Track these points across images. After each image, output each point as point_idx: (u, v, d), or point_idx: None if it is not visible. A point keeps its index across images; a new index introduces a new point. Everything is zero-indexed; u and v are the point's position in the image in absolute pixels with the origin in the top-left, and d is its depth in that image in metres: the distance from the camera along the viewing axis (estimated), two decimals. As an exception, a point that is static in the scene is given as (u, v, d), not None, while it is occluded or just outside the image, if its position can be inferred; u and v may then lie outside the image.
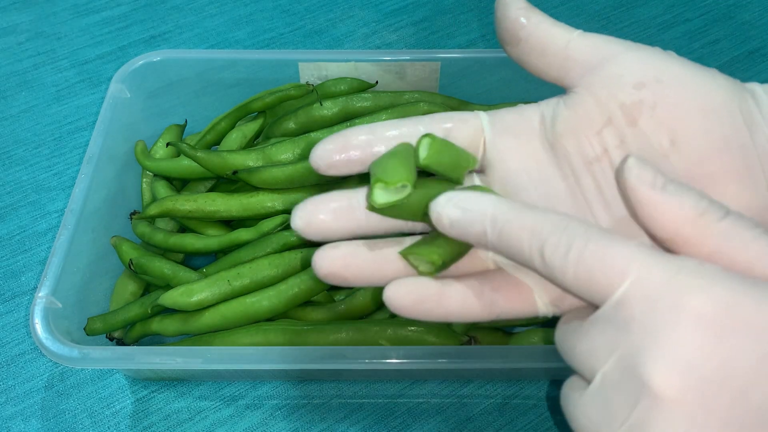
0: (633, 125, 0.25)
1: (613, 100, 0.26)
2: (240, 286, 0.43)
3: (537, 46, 0.27)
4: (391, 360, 0.38)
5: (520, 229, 0.22)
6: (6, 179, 0.58)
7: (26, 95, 0.65)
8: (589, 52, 0.27)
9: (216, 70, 0.54)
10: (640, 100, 0.25)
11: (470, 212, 0.23)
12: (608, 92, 0.26)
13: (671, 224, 0.22)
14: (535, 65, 0.28)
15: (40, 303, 0.40)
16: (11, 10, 0.73)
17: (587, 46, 0.27)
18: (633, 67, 0.26)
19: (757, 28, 0.71)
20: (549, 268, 0.22)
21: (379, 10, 0.73)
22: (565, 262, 0.21)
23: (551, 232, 0.22)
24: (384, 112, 0.48)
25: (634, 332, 0.20)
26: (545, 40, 0.27)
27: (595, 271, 0.21)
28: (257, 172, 0.46)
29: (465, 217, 0.24)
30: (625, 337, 0.20)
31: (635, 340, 0.20)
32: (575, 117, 0.26)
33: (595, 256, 0.21)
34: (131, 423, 0.45)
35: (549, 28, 0.27)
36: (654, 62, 0.26)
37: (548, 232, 0.22)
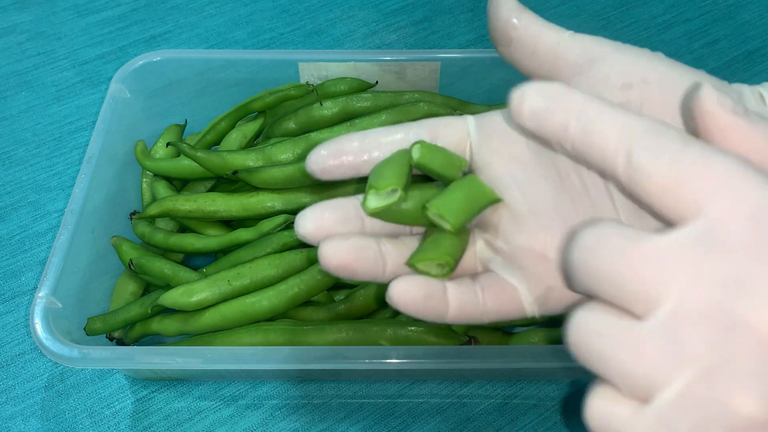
0: None
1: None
2: (240, 286, 0.43)
3: (528, 47, 0.27)
4: (391, 360, 0.38)
5: (611, 124, 0.21)
6: (6, 179, 0.58)
7: (26, 95, 0.65)
8: (578, 53, 0.27)
9: (216, 70, 0.54)
10: (627, 101, 0.25)
11: (557, 102, 0.22)
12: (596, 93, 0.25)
13: (754, 153, 0.20)
14: (526, 65, 0.28)
15: (40, 303, 0.40)
16: (11, 10, 0.73)
17: (576, 47, 0.27)
18: (620, 69, 0.26)
19: (757, 28, 0.71)
20: (635, 170, 0.19)
21: (379, 10, 0.73)
22: (656, 165, 0.19)
23: (645, 132, 0.20)
24: (384, 112, 0.48)
25: (734, 259, 0.17)
26: (536, 41, 0.27)
27: (691, 181, 0.18)
28: (257, 172, 0.46)
29: (550, 106, 0.22)
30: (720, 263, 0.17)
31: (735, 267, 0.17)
32: None
33: (695, 162, 0.18)
34: (131, 423, 0.45)
35: (540, 29, 0.27)
36: (641, 63, 0.26)
37: (642, 131, 0.20)
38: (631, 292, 0.18)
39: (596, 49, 0.27)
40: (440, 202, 0.26)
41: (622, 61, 0.26)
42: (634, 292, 0.18)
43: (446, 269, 0.25)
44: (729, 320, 0.17)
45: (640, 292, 0.18)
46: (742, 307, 0.17)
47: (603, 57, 0.26)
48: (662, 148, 0.19)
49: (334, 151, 0.28)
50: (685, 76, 0.25)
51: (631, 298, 0.18)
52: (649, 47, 0.27)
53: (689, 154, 0.19)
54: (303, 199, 0.47)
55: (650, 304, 0.18)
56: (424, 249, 0.26)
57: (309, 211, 0.27)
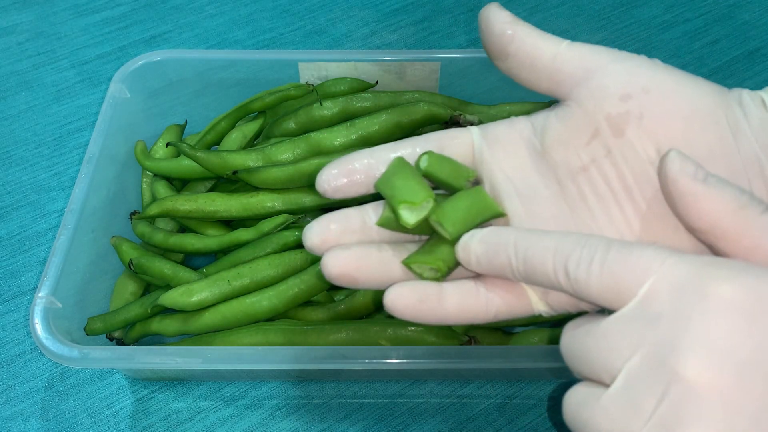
0: (620, 136, 0.26)
1: (599, 112, 0.26)
2: (240, 286, 0.43)
3: (526, 60, 0.28)
4: (391, 360, 0.38)
5: (543, 250, 0.23)
6: (6, 179, 0.58)
7: (26, 95, 0.65)
8: (576, 64, 0.27)
9: (216, 70, 0.54)
10: (626, 111, 0.26)
11: (493, 244, 0.24)
12: (595, 104, 0.26)
13: (710, 215, 0.22)
14: (525, 78, 0.28)
15: (40, 303, 0.40)
16: (11, 10, 0.73)
17: (575, 58, 0.27)
18: (619, 78, 0.26)
19: (757, 28, 0.71)
20: (574, 282, 0.22)
21: (379, 10, 0.73)
22: (589, 273, 0.22)
23: (573, 248, 0.22)
24: (384, 112, 0.48)
25: (662, 324, 0.20)
26: (533, 54, 0.27)
27: (620, 274, 0.21)
28: (257, 172, 0.46)
29: (489, 249, 0.24)
30: (652, 330, 0.20)
31: (664, 331, 0.20)
32: (565, 129, 0.27)
33: (618, 261, 0.21)
34: (131, 423, 0.45)
35: (536, 42, 0.27)
36: (640, 73, 0.26)
37: (570, 248, 0.22)
38: (597, 366, 0.22)
39: (594, 60, 0.27)
40: (442, 211, 0.26)
41: (620, 71, 0.26)
42: (598, 366, 0.22)
43: (438, 274, 0.26)
44: (669, 376, 0.19)
45: (601, 365, 0.22)
46: (676, 364, 0.19)
47: (601, 67, 0.27)
48: (591, 257, 0.22)
49: (344, 170, 0.28)
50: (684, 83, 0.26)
51: (598, 371, 0.22)
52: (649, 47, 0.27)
53: (612, 257, 0.22)
54: (303, 199, 0.47)
55: (611, 372, 0.21)
56: (420, 252, 0.27)
57: (315, 223, 0.27)
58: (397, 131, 0.48)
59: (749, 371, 0.19)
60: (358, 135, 0.48)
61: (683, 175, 0.22)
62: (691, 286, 0.20)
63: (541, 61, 0.27)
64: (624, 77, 0.26)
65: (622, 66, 0.26)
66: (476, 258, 0.25)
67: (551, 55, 0.27)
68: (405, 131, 0.49)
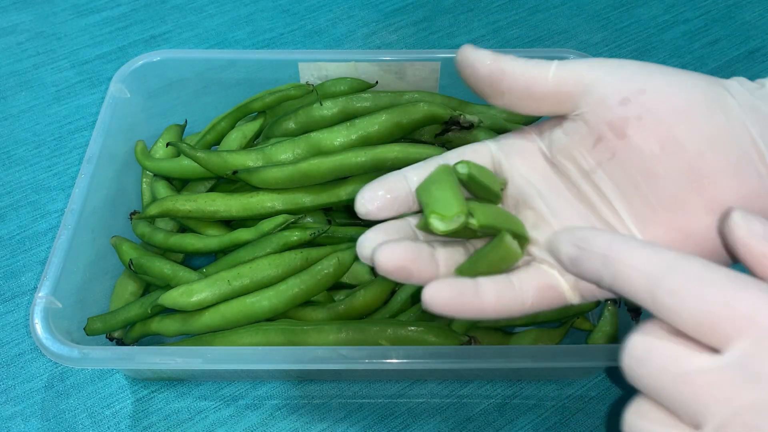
0: (622, 138, 0.27)
1: (601, 121, 0.27)
2: (240, 286, 0.43)
3: (523, 93, 0.28)
4: (391, 360, 0.38)
5: (633, 267, 0.22)
6: (6, 179, 0.58)
7: (26, 95, 0.65)
8: (573, 83, 0.28)
9: (216, 70, 0.54)
10: (626, 114, 0.26)
11: (586, 251, 0.24)
12: (596, 115, 0.27)
13: None
14: (526, 109, 0.29)
15: (40, 303, 0.40)
16: (11, 10, 0.73)
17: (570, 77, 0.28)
18: (616, 87, 0.27)
19: (757, 28, 0.71)
20: (660, 310, 0.21)
21: (379, 10, 0.73)
22: (681, 306, 0.20)
23: (666, 271, 0.21)
24: (384, 112, 0.48)
25: (763, 386, 0.19)
26: (528, 85, 0.28)
27: (717, 317, 0.20)
28: (257, 172, 0.46)
29: (581, 255, 0.24)
30: (751, 391, 0.19)
31: (763, 395, 0.19)
32: (570, 141, 0.28)
33: (716, 302, 0.20)
34: (131, 423, 0.45)
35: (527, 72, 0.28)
36: (635, 76, 0.27)
37: (663, 271, 0.21)
38: (676, 407, 0.20)
39: (589, 74, 0.27)
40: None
41: (616, 79, 0.27)
42: (678, 408, 0.20)
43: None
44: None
45: (684, 409, 0.20)
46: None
47: (597, 80, 0.27)
48: (684, 288, 0.20)
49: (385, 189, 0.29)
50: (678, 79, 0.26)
51: (676, 410, 0.20)
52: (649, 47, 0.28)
53: (711, 292, 0.20)
54: (303, 199, 0.47)
55: (693, 421, 0.20)
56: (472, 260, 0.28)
57: (370, 233, 0.27)
58: (397, 131, 0.48)
59: None
60: (358, 135, 0.48)
61: (753, 237, 0.22)
62: None
63: (537, 89, 0.28)
64: (620, 84, 0.27)
65: (618, 74, 0.27)
66: (569, 260, 0.25)
67: (545, 80, 0.28)
68: (405, 131, 0.49)
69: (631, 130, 0.26)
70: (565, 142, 0.29)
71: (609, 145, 0.27)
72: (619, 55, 0.68)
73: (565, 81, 0.28)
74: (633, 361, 0.21)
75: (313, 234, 0.45)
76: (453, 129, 0.50)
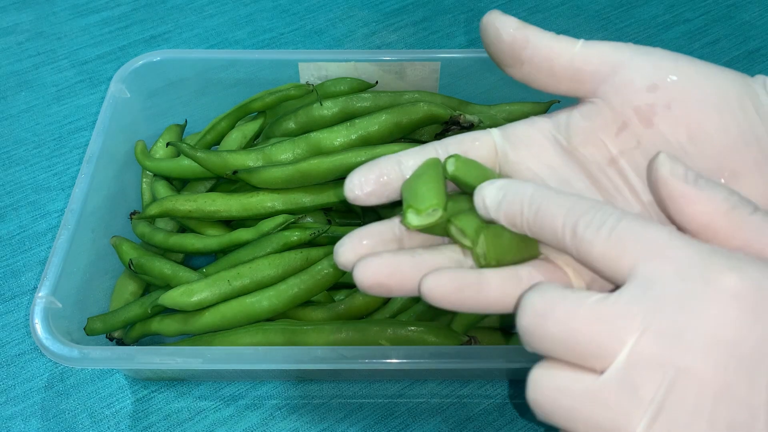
0: (649, 126, 0.26)
1: (627, 106, 0.26)
2: (240, 286, 0.43)
3: (543, 65, 0.27)
4: (391, 360, 0.38)
5: (557, 206, 0.23)
6: (6, 179, 0.58)
7: (26, 95, 0.65)
8: (598, 62, 0.27)
9: (216, 70, 0.54)
10: (654, 102, 0.26)
11: (510, 193, 0.24)
12: (622, 99, 0.26)
13: (702, 217, 0.22)
14: (543, 83, 0.28)
15: (40, 303, 0.40)
16: (11, 10, 0.73)
17: (595, 56, 0.27)
18: (644, 71, 0.26)
19: (757, 28, 0.71)
20: (579, 241, 0.22)
21: (379, 10, 0.73)
22: (597, 235, 0.22)
23: (586, 210, 0.22)
24: (384, 112, 0.48)
25: (667, 310, 0.20)
26: (551, 57, 0.27)
27: (626, 244, 0.21)
28: (257, 172, 0.46)
29: (505, 198, 0.24)
30: (657, 316, 0.20)
31: (669, 318, 0.20)
32: (591, 126, 0.27)
33: (628, 231, 0.21)
34: (131, 423, 0.45)
35: (552, 44, 0.27)
36: (665, 63, 0.26)
37: (583, 210, 0.22)
38: (585, 350, 0.21)
39: (616, 56, 0.27)
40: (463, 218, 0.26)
41: (645, 63, 0.26)
42: (588, 351, 0.21)
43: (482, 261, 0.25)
44: (673, 365, 0.19)
45: (593, 350, 0.20)
46: (681, 353, 0.19)
47: (624, 62, 0.26)
48: (601, 223, 0.22)
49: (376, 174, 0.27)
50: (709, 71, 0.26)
51: (585, 355, 0.21)
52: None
53: (623, 226, 0.22)
54: (303, 199, 0.47)
55: (605, 359, 0.20)
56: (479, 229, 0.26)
57: (347, 239, 0.26)
58: (397, 131, 0.48)
59: (752, 366, 0.19)
60: (358, 135, 0.48)
61: (673, 177, 0.23)
62: (698, 273, 0.20)
63: (559, 63, 0.27)
64: (649, 69, 0.26)
65: (647, 58, 0.26)
66: (492, 203, 0.25)
67: (569, 56, 0.27)
68: (405, 131, 0.49)
69: (658, 118, 0.26)
70: (585, 126, 0.27)
71: (634, 131, 0.26)
72: (619, 55, 0.68)
73: (589, 59, 0.27)
74: (533, 316, 0.22)
75: (313, 234, 0.45)
76: (453, 129, 0.50)
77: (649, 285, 0.20)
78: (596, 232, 0.22)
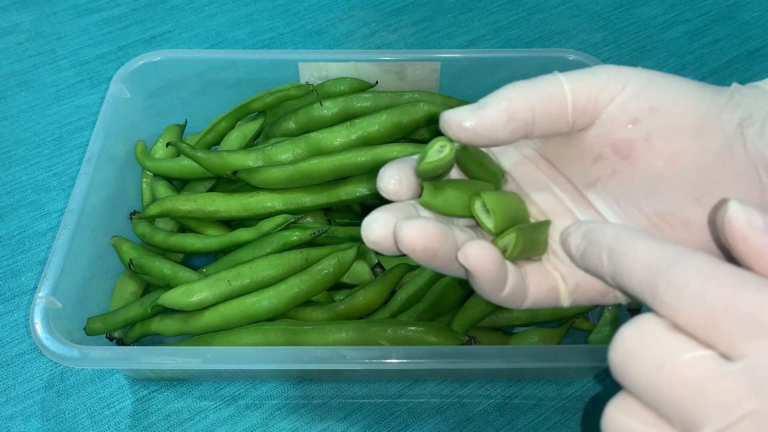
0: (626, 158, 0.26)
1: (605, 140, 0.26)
2: (240, 286, 0.43)
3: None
4: (391, 360, 0.38)
5: (635, 260, 0.21)
6: (6, 179, 0.58)
7: (26, 95, 0.65)
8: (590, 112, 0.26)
9: (216, 70, 0.54)
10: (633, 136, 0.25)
11: (592, 243, 0.23)
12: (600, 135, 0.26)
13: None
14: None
15: (40, 303, 0.40)
16: (11, 10, 0.73)
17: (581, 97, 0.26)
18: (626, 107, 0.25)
19: (757, 28, 0.71)
20: (660, 306, 0.20)
21: (379, 10, 0.73)
22: (680, 303, 0.19)
23: (667, 267, 0.20)
24: (384, 112, 0.48)
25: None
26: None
27: (718, 315, 0.18)
28: (257, 172, 0.46)
29: (588, 247, 0.23)
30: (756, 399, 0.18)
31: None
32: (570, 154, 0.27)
33: (718, 298, 0.18)
34: (131, 423, 0.45)
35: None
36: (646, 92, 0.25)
37: (665, 266, 0.20)
38: (667, 408, 0.19)
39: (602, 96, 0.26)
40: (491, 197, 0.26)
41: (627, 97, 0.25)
42: (669, 410, 0.19)
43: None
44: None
45: (676, 411, 0.19)
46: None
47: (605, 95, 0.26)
48: (684, 281, 0.19)
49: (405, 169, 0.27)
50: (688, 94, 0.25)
51: (666, 411, 0.19)
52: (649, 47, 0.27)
53: (712, 287, 0.19)
54: (303, 199, 0.47)
55: (685, 424, 0.18)
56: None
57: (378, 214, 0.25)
58: (397, 131, 0.48)
59: None
60: (358, 135, 0.48)
61: (754, 230, 0.20)
62: None
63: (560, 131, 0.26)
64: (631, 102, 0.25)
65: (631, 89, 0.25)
66: (576, 253, 0.24)
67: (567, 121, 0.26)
68: (405, 131, 0.49)
69: (636, 151, 0.25)
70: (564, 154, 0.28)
71: (609, 163, 0.26)
72: (619, 55, 0.68)
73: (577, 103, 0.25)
74: (623, 354, 0.20)
75: (313, 234, 0.45)
76: (453, 129, 0.50)
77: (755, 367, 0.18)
78: (677, 298, 0.19)
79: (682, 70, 0.66)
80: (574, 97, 0.25)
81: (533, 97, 0.25)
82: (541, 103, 0.25)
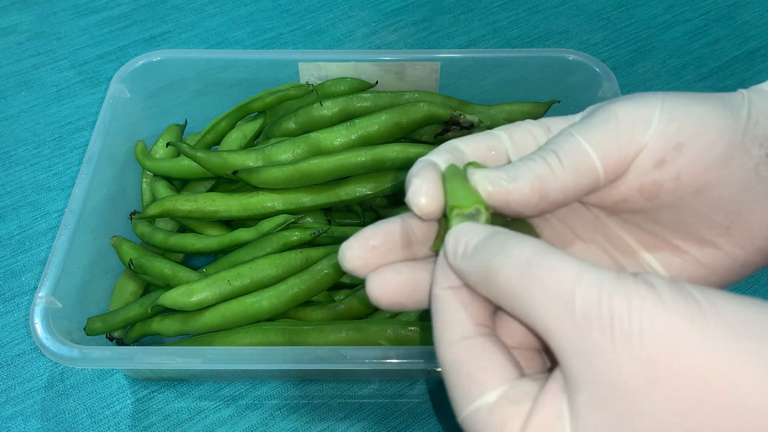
0: (653, 200, 0.24)
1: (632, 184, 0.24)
2: (240, 286, 0.43)
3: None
4: (391, 360, 0.38)
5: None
6: (6, 179, 0.58)
7: (26, 95, 0.65)
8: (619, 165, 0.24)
9: (216, 70, 0.54)
10: (660, 178, 0.24)
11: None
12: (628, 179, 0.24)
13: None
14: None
15: (40, 303, 0.40)
16: (11, 10, 0.73)
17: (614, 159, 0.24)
18: (650, 147, 0.23)
19: (757, 28, 0.71)
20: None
21: (379, 10, 0.73)
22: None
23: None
24: (384, 112, 0.48)
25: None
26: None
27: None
28: (257, 172, 0.46)
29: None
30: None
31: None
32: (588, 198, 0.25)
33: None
34: (131, 423, 0.45)
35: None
36: (672, 131, 0.23)
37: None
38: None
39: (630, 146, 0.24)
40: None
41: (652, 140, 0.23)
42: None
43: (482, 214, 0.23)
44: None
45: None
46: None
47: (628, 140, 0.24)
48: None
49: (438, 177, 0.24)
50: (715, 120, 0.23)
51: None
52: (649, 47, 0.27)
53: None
54: (303, 199, 0.47)
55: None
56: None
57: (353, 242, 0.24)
58: (397, 131, 0.48)
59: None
60: (358, 135, 0.48)
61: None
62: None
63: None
64: (657, 144, 0.23)
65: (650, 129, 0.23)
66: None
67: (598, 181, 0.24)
68: (405, 131, 0.49)
69: (665, 192, 0.24)
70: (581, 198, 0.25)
71: (635, 205, 0.25)
72: (619, 55, 0.68)
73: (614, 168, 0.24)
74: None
75: (313, 234, 0.45)
76: (453, 129, 0.50)
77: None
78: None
79: (682, 70, 0.66)
80: (604, 165, 0.23)
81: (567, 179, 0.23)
82: (575, 184, 0.23)
